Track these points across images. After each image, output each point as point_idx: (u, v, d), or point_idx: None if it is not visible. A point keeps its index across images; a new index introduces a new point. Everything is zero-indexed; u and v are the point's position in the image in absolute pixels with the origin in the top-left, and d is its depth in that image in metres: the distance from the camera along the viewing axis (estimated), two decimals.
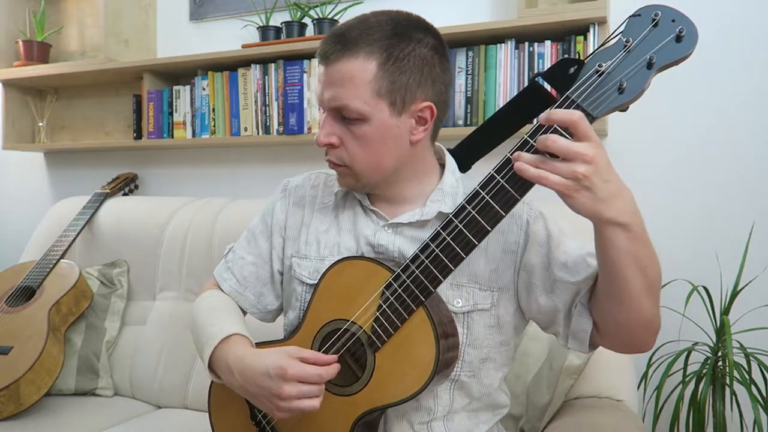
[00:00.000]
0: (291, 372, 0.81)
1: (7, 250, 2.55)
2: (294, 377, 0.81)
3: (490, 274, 0.92)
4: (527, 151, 0.75)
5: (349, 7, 1.96)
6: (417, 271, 0.83)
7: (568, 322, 0.90)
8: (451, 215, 0.82)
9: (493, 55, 1.70)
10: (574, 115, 0.70)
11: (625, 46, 0.74)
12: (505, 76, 1.69)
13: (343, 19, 1.96)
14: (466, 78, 1.73)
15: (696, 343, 1.55)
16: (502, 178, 0.77)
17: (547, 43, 1.65)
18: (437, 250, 0.82)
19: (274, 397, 0.83)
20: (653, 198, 1.67)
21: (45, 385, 1.54)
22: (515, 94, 1.66)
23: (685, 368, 1.52)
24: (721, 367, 1.48)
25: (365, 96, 0.86)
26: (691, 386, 1.49)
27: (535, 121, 0.79)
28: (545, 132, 0.74)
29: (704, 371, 1.47)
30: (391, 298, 0.84)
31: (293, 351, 0.86)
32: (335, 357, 0.86)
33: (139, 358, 1.77)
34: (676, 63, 0.74)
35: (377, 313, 0.85)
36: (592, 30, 1.59)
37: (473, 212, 0.79)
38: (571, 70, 0.77)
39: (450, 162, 0.98)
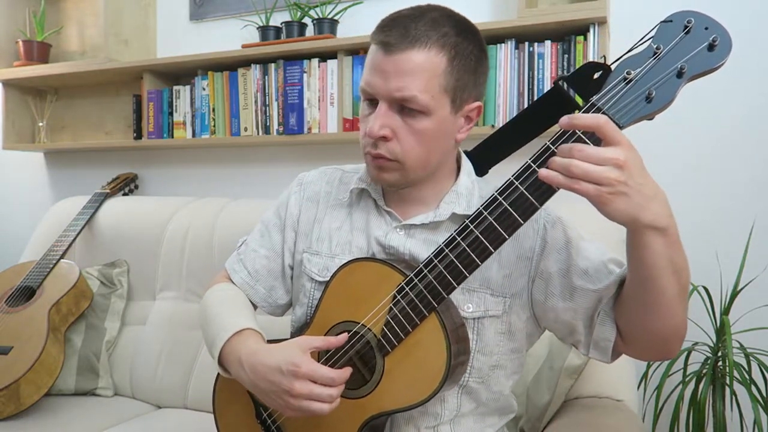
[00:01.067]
0: (303, 370, 0.80)
1: (7, 250, 2.55)
2: (306, 375, 0.80)
3: (503, 280, 0.90)
4: (548, 158, 0.71)
5: (349, 6, 1.96)
6: (431, 277, 0.81)
7: (590, 330, 0.87)
8: (467, 221, 0.80)
9: (493, 55, 1.70)
10: (599, 119, 0.67)
11: (656, 53, 0.70)
12: (505, 76, 1.69)
13: (343, 19, 1.96)
14: None
15: (696, 343, 1.55)
16: (521, 184, 0.75)
17: (547, 43, 1.65)
18: (452, 256, 0.80)
19: (284, 394, 0.81)
20: None
21: (45, 385, 1.54)
22: (515, 94, 1.68)
23: (685, 368, 1.52)
24: (721, 367, 1.48)
25: (433, 90, 0.84)
26: (691, 386, 1.49)
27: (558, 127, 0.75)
28: (568, 138, 0.71)
29: (704, 371, 1.47)
30: (403, 303, 0.83)
31: (303, 343, 0.84)
32: (345, 336, 0.85)
33: (139, 358, 1.77)
34: (707, 73, 0.70)
35: (388, 317, 0.84)
36: (592, 30, 1.59)
37: (490, 219, 0.77)
38: (596, 75, 0.75)
39: (466, 164, 0.96)
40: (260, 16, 2.05)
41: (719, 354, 1.49)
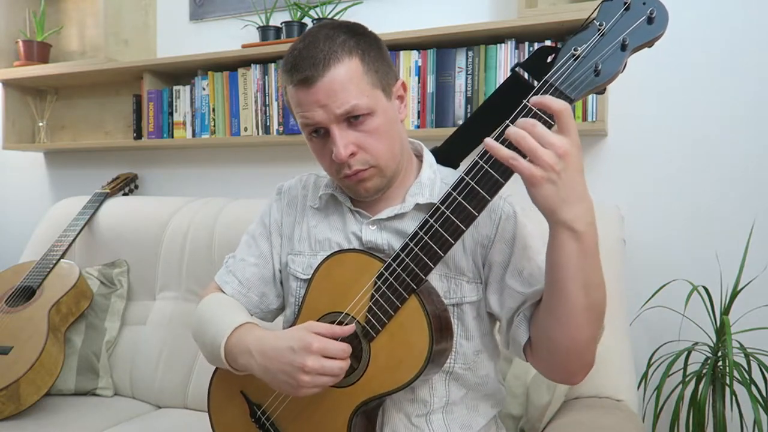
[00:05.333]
0: (316, 346, 0.82)
1: (7, 250, 2.55)
2: (319, 350, 0.83)
3: (472, 267, 0.94)
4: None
5: (349, 6, 1.96)
6: (407, 260, 0.84)
7: (508, 328, 0.92)
8: (438, 203, 0.83)
9: (493, 55, 1.70)
10: (563, 105, 0.72)
11: (599, 29, 0.76)
12: (505, 76, 1.68)
13: (343, 19, 1.96)
14: (466, 78, 1.73)
15: (696, 343, 1.55)
16: (485, 163, 0.79)
17: (547, 43, 1.65)
18: (426, 238, 0.83)
19: (297, 371, 0.83)
20: (653, 198, 1.67)
21: (45, 385, 1.54)
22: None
23: (685, 368, 1.52)
24: (721, 367, 1.48)
25: (366, 90, 0.88)
26: (691, 386, 1.49)
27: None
28: (525, 116, 0.75)
29: (704, 371, 1.47)
30: (383, 288, 0.86)
31: (309, 326, 0.87)
32: (352, 327, 0.87)
33: (139, 358, 1.77)
34: (649, 44, 0.76)
35: (370, 303, 0.87)
36: None
37: (459, 198, 0.81)
38: (549, 58, 0.80)
39: (428, 157, 1.00)
40: (260, 16, 2.05)
41: (719, 354, 1.49)
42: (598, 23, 0.76)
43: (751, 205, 1.58)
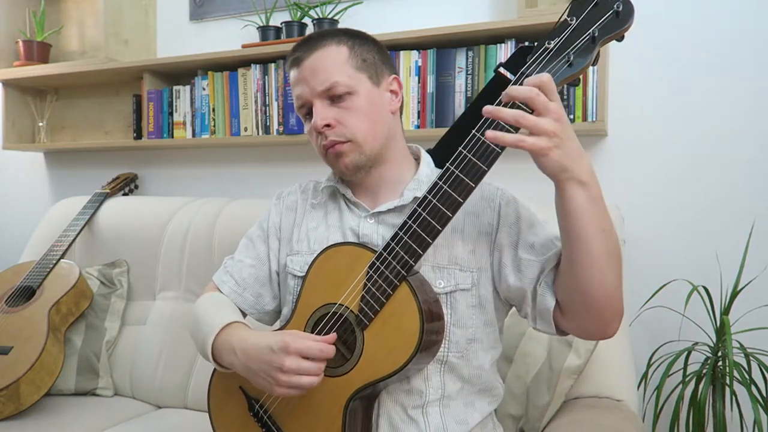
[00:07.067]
0: (294, 346, 0.86)
1: (7, 250, 2.55)
2: (296, 351, 0.85)
3: (469, 256, 0.97)
4: (493, 126, 0.81)
5: (349, 6, 1.96)
6: (397, 248, 0.88)
7: (534, 301, 0.93)
8: (425, 192, 0.87)
9: (493, 55, 1.70)
10: (543, 77, 0.77)
11: (570, 24, 0.82)
12: None
13: (343, 19, 1.96)
14: (466, 78, 1.73)
15: (696, 343, 1.55)
16: (468, 152, 0.84)
17: None
18: (414, 226, 0.87)
19: (275, 371, 0.86)
20: (653, 198, 1.67)
21: (45, 385, 1.54)
22: None
23: (685, 368, 1.52)
24: (721, 367, 1.48)
25: (348, 71, 0.97)
26: (691, 386, 1.49)
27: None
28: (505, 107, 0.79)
29: (704, 371, 1.47)
30: (375, 276, 0.89)
31: (293, 332, 0.91)
32: (333, 336, 0.90)
33: (139, 358, 1.77)
34: (617, 36, 0.82)
35: (363, 293, 0.90)
36: None
37: (445, 187, 0.85)
38: (529, 57, 0.84)
39: (425, 156, 1.06)
40: (260, 16, 2.05)
41: (719, 354, 1.49)
42: (569, 19, 0.82)
43: (751, 205, 1.58)
